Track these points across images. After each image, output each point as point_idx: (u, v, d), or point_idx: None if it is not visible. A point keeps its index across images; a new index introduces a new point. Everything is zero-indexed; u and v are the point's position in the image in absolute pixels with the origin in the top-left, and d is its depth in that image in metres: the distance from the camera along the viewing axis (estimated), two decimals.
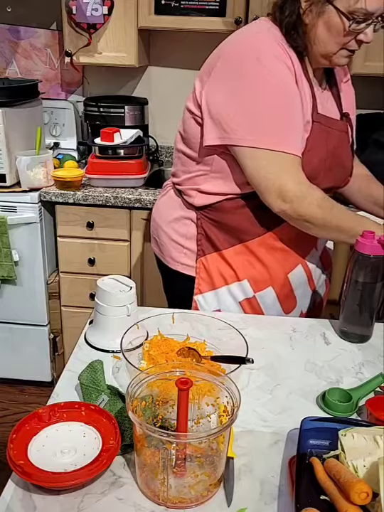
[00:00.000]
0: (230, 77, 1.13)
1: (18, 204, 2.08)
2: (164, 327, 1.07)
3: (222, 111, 1.14)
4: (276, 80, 1.11)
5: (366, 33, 1.12)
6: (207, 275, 1.31)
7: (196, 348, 1.01)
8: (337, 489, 0.70)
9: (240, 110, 1.12)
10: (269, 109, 1.12)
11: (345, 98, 1.32)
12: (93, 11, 2.12)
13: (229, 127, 1.13)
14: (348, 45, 1.14)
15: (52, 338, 2.35)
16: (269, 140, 1.12)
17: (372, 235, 1.07)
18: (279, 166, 1.13)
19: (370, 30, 1.12)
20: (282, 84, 1.12)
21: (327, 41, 1.14)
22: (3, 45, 2.51)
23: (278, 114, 1.12)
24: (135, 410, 0.74)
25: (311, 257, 1.32)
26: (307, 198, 1.15)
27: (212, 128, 1.16)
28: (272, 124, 1.13)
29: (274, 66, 1.12)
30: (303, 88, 1.17)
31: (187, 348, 1.01)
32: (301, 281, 1.32)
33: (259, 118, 1.12)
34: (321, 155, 1.20)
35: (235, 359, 0.96)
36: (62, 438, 0.80)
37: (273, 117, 1.12)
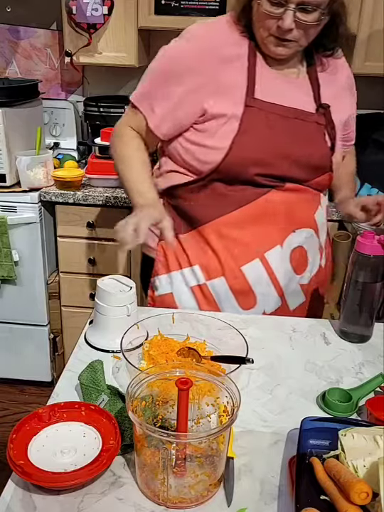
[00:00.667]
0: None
1: (18, 204, 2.08)
2: (164, 327, 1.07)
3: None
4: (172, 53, 1.21)
5: (283, 18, 1.08)
6: (164, 258, 1.31)
7: (196, 348, 1.01)
8: (337, 489, 0.70)
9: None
10: (150, 73, 1.24)
11: (333, 91, 1.27)
12: (93, 11, 2.12)
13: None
14: (271, 30, 1.12)
15: (52, 338, 2.35)
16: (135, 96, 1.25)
17: (372, 235, 1.07)
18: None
19: (287, 17, 1.08)
20: (174, 58, 1.20)
21: (256, 25, 1.15)
22: (3, 45, 2.51)
23: (153, 79, 1.23)
24: (135, 410, 0.74)
25: (274, 254, 1.25)
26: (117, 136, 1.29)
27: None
28: (144, 85, 1.25)
29: (187, 44, 1.19)
30: (231, 73, 1.17)
31: (187, 348, 1.01)
32: (260, 278, 1.26)
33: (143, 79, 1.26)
34: (258, 141, 1.18)
35: (235, 359, 0.96)
36: (62, 438, 0.80)
37: (148, 79, 1.24)
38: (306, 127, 1.22)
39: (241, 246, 1.24)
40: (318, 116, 1.23)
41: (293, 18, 1.08)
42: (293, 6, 1.07)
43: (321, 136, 1.24)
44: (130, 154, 1.27)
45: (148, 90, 1.23)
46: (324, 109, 1.24)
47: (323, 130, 1.24)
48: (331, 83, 1.27)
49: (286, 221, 1.25)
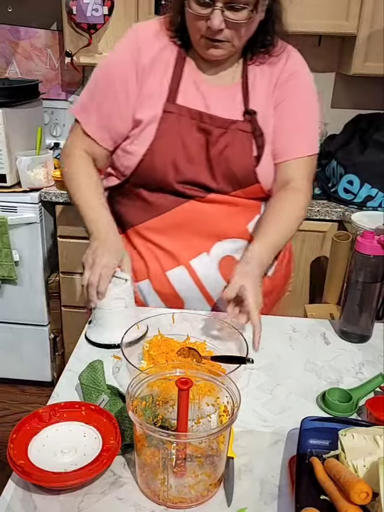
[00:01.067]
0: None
1: (19, 204, 2.08)
2: (164, 327, 1.07)
3: None
4: (107, 65, 1.21)
5: (211, 18, 1.05)
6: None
7: (196, 348, 1.01)
8: (337, 489, 0.70)
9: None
10: (89, 86, 1.24)
11: (265, 97, 1.20)
12: (93, 12, 2.12)
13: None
14: (202, 32, 1.09)
15: (53, 338, 2.35)
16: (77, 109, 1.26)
17: (372, 235, 1.07)
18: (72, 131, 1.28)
19: (215, 16, 1.04)
20: (108, 67, 1.20)
21: (189, 28, 1.13)
22: (4, 46, 2.51)
23: (89, 89, 1.23)
24: (135, 410, 0.74)
25: (199, 261, 1.21)
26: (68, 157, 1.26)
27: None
28: (83, 96, 1.25)
29: (118, 50, 1.20)
30: (155, 79, 1.17)
31: (187, 348, 1.01)
32: (186, 284, 1.22)
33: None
34: (173, 146, 1.16)
35: (235, 359, 0.96)
36: (63, 438, 0.80)
37: (87, 90, 1.24)
38: (227, 137, 1.17)
39: (165, 252, 1.23)
40: (243, 124, 1.18)
41: (222, 17, 1.05)
42: (220, 5, 1.04)
43: (245, 145, 1.18)
44: (78, 174, 1.24)
45: (85, 102, 1.23)
46: (250, 115, 1.18)
47: (250, 138, 1.18)
48: (263, 89, 1.21)
49: (211, 231, 1.21)
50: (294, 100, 1.21)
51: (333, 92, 2.50)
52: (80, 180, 1.22)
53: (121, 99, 1.18)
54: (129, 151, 1.20)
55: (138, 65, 1.16)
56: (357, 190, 2.09)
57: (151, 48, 1.17)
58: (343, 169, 2.12)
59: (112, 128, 1.21)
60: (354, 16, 2.06)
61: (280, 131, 1.21)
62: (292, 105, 1.21)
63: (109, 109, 1.19)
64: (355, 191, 2.09)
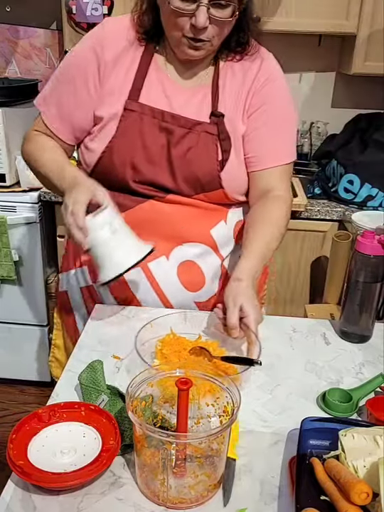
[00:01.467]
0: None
1: (18, 204, 2.08)
2: (175, 326, 1.06)
3: None
4: (70, 57, 1.18)
5: (196, 15, 1.00)
6: (66, 256, 1.34)
7: (208, 347, 1.01)
8: (337, 489, 0.70)
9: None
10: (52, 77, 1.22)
11: (235, 100, 1.17)
12: (93, 11, 2.12)
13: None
14: (184, 30, 1.04)
15: None
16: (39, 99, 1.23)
17: (373, 235, 1.07)
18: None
19: (200, 13, 0.99)
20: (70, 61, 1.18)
21: (165, 25, 1.08)
22: (3, 45, 2.51)
23: (52, 81, 1.21)
24: (135, 410, 0.74)
25: (157, 265, 1.20)
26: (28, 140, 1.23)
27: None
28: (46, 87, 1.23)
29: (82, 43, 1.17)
30: (118, 76, 1.14)
31: (199, 347, 1.01)
32: (142, 287, 1.22)
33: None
34: (132, 145, 1.14)
35: (243, 360, 0.96)
36: (62, 438, 0.80)
37: (50, 81, 1.22)
38: (191, 138, 1.14)
39: None
40: (208, 125, 1.14)
41: (207, 14, 1.00)
42: (206, 1, 0.99)
43: (209, 148, 1.15)
44: (39, 148, 1.21)
45: (47, 94, 1.22)
46: (217, 117, 1.14)
47: (215, 141, 1.15)
48: (233, 91, 1.17)
49: (171, 233, 1.18)
50: (271, 107, 1.18)
51: (333, 91, 2.50)
52: (44, 155, 1.19)
53: (82, 95, 1.16)
54: (90, 147, 1.18)
55: (100, 60, 1.14)
56: (357, 190, 2.09)
57: (115, 44, 1.14)
58: (344, 169, 2.12)
59: (72, 122, 1.19)
60: (354, 16, 2.06)
61: (258, 139, 1.18)
62: (269, 112, 1.18)
63: (69, 104, 1.18)
64: (356, 191, 2.09)
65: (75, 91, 1.17)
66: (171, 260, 1.20)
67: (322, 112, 2.54)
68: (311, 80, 2.47)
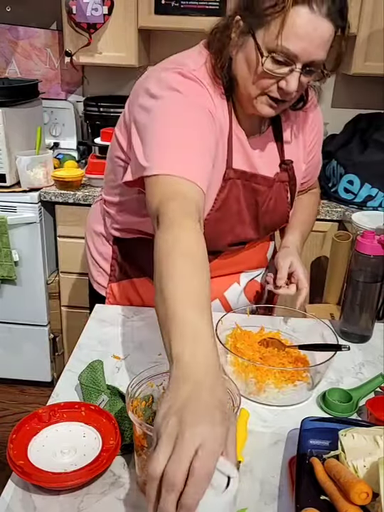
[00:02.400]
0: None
1: (18, 204, 2.08)
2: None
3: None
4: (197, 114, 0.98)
5: (288, 80, 0.94)
6: (115, 301, 1.30)
7: (278, 338, 1.05)
8: (337, 489, 0.70)
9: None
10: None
11: (294, 144, 1.18)
12: (93, 11, 2.12)
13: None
14: (268, 90, 0.98)
15: (52, 338, 2.35)
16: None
17: (373, 235, 1.07)
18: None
19: (292, 78, 0.94)
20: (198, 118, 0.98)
21: (246, 80, 0.99)
22: (3, 45, 2.51)
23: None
24: (135, 410, 0.74)
25: (232, 291, 1.28)
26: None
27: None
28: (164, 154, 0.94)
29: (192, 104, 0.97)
30: (221, 142, 1.05)
31: (269, 338, 1.05)
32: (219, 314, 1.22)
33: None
34: (229, 213, 1.12)
35: (328, 347, 0.97)
36: (62, 438, 0.80)
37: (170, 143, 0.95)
38: (272, 192, 1.16)
39: None
40: (281, 174, 1.16)
41: (299, 80, 0.95)
42: (300, 66, 0.93)
43: (282, 195, 1.19)
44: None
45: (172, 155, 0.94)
46: (287, 165, 1.16)
47: (286, 187, 1.18)
48: (293, 132, 1.17)
49: (239, 268, 1.28)
50: (319, 134, 1.24)
51: (333, 91, 2.50)
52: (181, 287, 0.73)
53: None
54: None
55: (217, 134, 1.02)
56: (357, 190, 2.09)
57: (218, 113, 1.03)
58: (343, 169, 2.12)
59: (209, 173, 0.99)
60: (354, 16, 2.06)
61: (313, 164, 1.27)
62: (319, 140, 1.25)
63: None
64: (356, 191, 2.09)
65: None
66: (242, 285, 1.30)
67: (322, 112, 2.53)
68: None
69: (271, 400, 0.93)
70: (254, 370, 0.93)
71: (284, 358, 1.00)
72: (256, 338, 1.05)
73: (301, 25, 0.89)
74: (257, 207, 1.16)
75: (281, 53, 0.92)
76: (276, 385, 0.92)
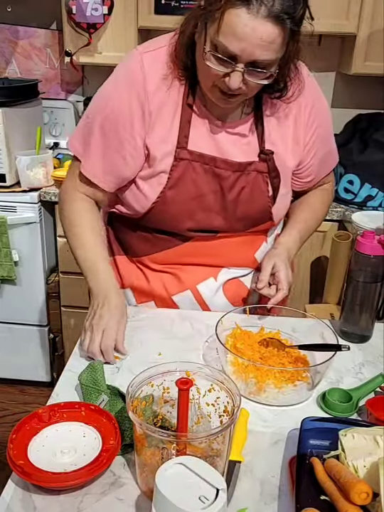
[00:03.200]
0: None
1: (18, 204, 2.08)
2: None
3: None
4: (109, 104, 1.08)
5: (230, 76, 0.94)
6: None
7: (278, 338, 1.05)
8: (337, 489, 0.70)
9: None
10: (86, 122, 1.13)
11: (280, 135, 1.14)
12: (93, 11, 2.12)
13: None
14: (218, 83, 0.98)
15: (52, 338, 2.35)
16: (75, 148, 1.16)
17: (373, 235, 1.07)
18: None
19: (234, 76, 0.94)
20: (110, 109, 1.08)
21: (200, 70, 1.01)
22: (3, 45, 2.51)
23: (89, 128, 1.11)
24: (135, 410, 0.74)
25: (206, 286, 1.23)
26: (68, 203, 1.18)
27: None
28: (81, 132, 1.14)
29: (121, 85, 1.07)
30: (163, 124, 1.07)
31: (268, 338, 1.04)
32: (190, 307, 1.23)
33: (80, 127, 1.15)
34: (187, 196, 1.11)
35: (328, 347, 0.97)
36: (62, 438, 0.80)
37: (85, 128, 1.13)
38: (243, 179, 1.12)
39: (171, 276, 1.23)
40: (259, 164, 1.12)
41: (241, 78, 0.94)
42: (241, 66, 0.93)
43: (261, 187, 1.14)
44: (81, 228, 1.16)
45: (85, 142, 1.12)
46: (266, 155, 1.12)
47: (265, 179, 1.14)
48: (279, 124, 1.14)
49: (218, 261, 1.22)
50: (321, 128, 1.18)
51: (333, 91, 2.50)
52: (83, 236, 1.15)
53: (129, 149, 1.09)
54: (143, 190, 1.13)
55: (145, 109, 1.06)
56: (357, 190, 2.09)
57: (159, 91, 1.06)
58: (344, 169, 2.12)
59: (118, 175, 1.13)
60: (354, 16, 2.06)
61: (316, 163, 1.21)
62: (320, 133, 1.19)
63: (115, 159, 1.10)
64: (356, 191, 2.09)
65: (121, 145, 1.09)
66: (219, 281, 1.24)
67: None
68: None
69: (271, 400, 0.92)
70: (254, 370, 0.93)
71: (284, 358, 1.00)
72: (256, 338, 1.05)
73: (238, 25, 0.89)
74: (223, 194, 1.12)
75: (222, 50, 0.92)
76: (276, 385, 0.92)
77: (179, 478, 0.62)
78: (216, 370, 0.80)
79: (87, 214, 1.17)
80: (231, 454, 0.78)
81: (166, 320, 1.17)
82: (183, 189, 1.11)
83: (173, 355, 1.03)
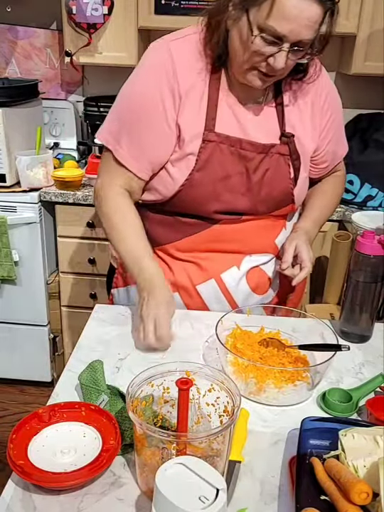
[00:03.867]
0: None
1: (18, 204, 2.08)
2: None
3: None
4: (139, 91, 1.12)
5: (275, 57, 1.00)
6: (123, 271, 1.31)
7: (278, 338, 1.05)
8: (337, 489, 0.70)
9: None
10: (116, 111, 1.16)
11: (300, 118, 1.19)
12: (93, 11, 2.12)
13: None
14: (259, 65, 1.04)
15: (52, 338, 2.35)
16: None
17: (373, 235, 1.07)
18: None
19: (279, 57, 1.00)
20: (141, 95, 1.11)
21: (238, 53, 1.05)
22: (3, 45, 2.51)
23: (119, 116, 1.15)
24: (135, 410, 0.74)
25: (229, 274, 1.24)
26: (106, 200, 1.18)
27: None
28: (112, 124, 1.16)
29: (150, 73, 1.11)
30: (192, 106, 1.11)
31: (268, 338, 1.04)
32: (215, 297, 1.25)
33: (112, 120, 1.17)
34: (213, 177, 1.14)
35: (328, 347, 0.97)
36: (62, 438, 0.80)
37: (115, 118, 1.16)
38: (267, 161, 1.16)
39: (195, 266, 1.23)
40: (280, 146, 1.17)
41: (286, 58, 1.01)
42: (287, 46, 0.99)
43: (283, 168, 1.18)
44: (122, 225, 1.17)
45: (117, 131, 1.14)
46: (287, 138, 1.17)
47: (287, 161, 1.18)
48: (298, 109, 1.19)
49: (241, 247, 1.23)
50: (334, 116, 1.26)
51: None
52: (125, 232, 1.17)
53: (162, 133, 1.12)
54: (172, 173, 1.15)
55: (175, 93, 1.10)
56: (357, 190, 2.09)
57: (188, 75, 1.10)
58: None
59: (151, 160, 1.14)
60: (354, 16, 2.06)
61: (331, 149, 1.28)
62: (335, 121, 1.26)
63: (149, 143, 1.13)
64: (356, 191, 2.09)
65: (153, 129, 1.12)
66: (242, 270, 1.25)
67: None
68: None
69: (271, 400, 0.93)
70: (254, 370, 0.93)
71: (284, 358, 1.00)
72: (256, 338, 1.05)
73: (289, 7, 0.95)
74: (248, 175, 1.16)
75: (270, 33, 0.98)
76: (276, 385, 0.92)
77: (179, 478, 0.63)
78: (216, 370, 0.81)
79: (126, 209, 1.18)
80: (231, 454, 0.78)
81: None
82: (211, 171, 1.14)
83: (173, 355, 1.03)
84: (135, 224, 1.18)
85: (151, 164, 1.15)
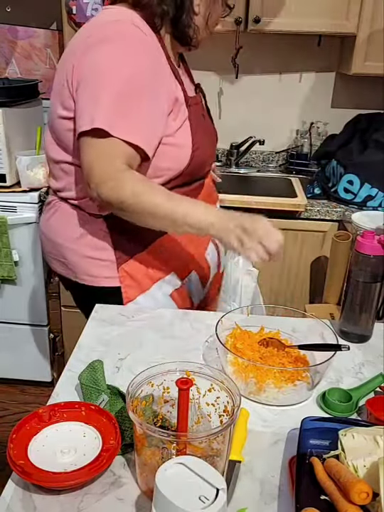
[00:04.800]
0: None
1: (18, 204, 2.08)
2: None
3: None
4: (141, 72, 1.09)
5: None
6: (132, 281, 1.26)
7: (277, 338, 1.05)
8: (337, 489, 0.70)
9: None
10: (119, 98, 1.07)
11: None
12: (93, 11, 2.12)
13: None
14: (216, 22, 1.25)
15: (52, 338, 2.35)
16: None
17: (373, 235, 1.07)
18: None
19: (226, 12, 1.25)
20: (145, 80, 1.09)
21: (209, 14, 1.19)
22: (3, 45, 2.51)
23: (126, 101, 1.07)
24: (135, 410, 0.74)
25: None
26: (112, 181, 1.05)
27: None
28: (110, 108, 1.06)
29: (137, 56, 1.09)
30: (168, 76, 1.17)
31: (268, 338, 1.04)
32: (213, 262, 1.38)
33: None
34: (203, 136, 1.25)
35: (328, 347, 0.97)
36: (62, 438, 0.80)
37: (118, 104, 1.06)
38: (201, 108, 1.32)
39: (195, 237, 1.25)
40: (197, 96, 1.32)
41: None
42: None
43: (206, 113, 1.36)
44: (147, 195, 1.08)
45: (116, 112, 1.06)
46: (199, 87, 1.35)
47: (204, 107, 1.35)
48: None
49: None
50: None
51: (333, 92, 2.50)
52: (156, 198, 1.07)
53: (164, 107, 1.13)
54: (179, 143, 1.18)
55: (155, 63, 1.13)
56: (357, 190, 2.09)
57: (157, 45, 1.16)
58: (343, 169, 2.12)
59: (156, 130, 1.12)
60: (354, 16, 2.06)
61: None
62: None
63: (158, 121, 1.12)
64: (355, 191, 2.09)
65: (159, 106, 1.12)
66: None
67: (322, 112, 2.54)
68: (311, 80, 2.47)
69: (271, 400, 0.93)
70: (254, 370, 0.93)
71: (284, 358, 1.00)
72: (256, 338, 1.05)
73: None
74: (209, 123, 1.37)
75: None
76: (276, 384, 0.93)
77: (179, 478, 0.63)
78: (216, 370, 0.81)
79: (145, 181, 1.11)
80: (231, 453, 0.78)
81: (166, 320, 1.17)
82: (200, 130, 1.24)
83: (173, 355, 1.03)
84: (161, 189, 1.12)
85: (154, 135, 1.11)
